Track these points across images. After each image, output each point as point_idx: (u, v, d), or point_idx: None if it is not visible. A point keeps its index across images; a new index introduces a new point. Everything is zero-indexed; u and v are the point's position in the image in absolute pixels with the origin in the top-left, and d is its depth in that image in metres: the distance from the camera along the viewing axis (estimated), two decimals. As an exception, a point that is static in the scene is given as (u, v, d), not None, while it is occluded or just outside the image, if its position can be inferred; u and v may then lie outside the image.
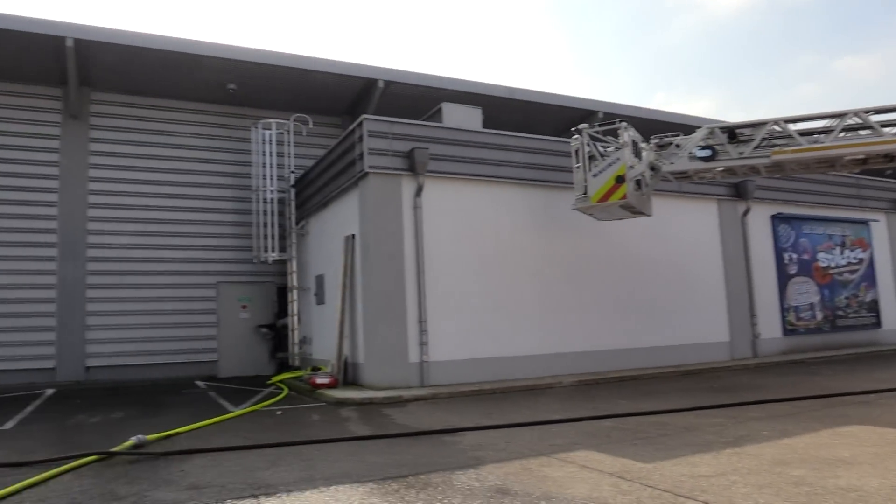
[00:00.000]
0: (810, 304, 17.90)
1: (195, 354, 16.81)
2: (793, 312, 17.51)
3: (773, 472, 5.50)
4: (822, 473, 5.39)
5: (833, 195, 18.78)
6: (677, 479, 5.37)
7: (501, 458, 6.38)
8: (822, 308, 18.12)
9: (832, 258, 18.58)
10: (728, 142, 11.86)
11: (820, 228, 18.49)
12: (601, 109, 19.91)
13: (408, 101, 17.93)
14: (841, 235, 18.90)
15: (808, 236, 18.19)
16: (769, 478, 5.31)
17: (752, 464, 5.80)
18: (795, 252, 17.88)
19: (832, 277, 18.51)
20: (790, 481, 5.18)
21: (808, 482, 5.14)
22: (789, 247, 17.79)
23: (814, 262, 18.19)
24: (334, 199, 14.35)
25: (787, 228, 17.83)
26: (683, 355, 15.07)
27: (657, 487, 5.13)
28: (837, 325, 18.38)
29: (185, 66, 15.99)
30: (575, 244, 14.15)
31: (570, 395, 11.06)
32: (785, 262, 17.62)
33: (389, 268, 12.13)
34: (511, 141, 13.85)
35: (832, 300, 18.39)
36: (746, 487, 5.05)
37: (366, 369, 12.20)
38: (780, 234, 17.67)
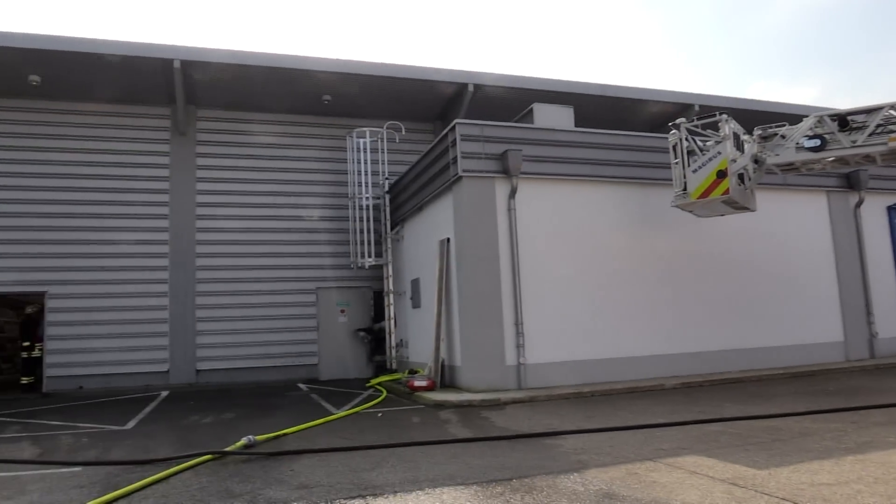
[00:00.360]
0: (936, 300, 16.56)
1: (297, 358, 17.45)
2: (915, 309, 16.25)
3: (904, 481, 5.14)
4: (962, 484, 4.99)
5: (959, 182, 17.33)
6: (796, 487, 5.10)
7: (606, 462, 6.26)
8: (949, 305, 16.72)
9: (959, 250, 17.11)
10: (839, 130, 11.19)
11: (945, 218, 17.09)
12: (697, 102, 19.26)
13: (498, 104, 17.96)
14: (969, 225, 17.39)
15: (930, 228, 16.85)
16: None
17: (878, 472, 5.44)
18: (915, 244, 16.60)
19: (960, 271, 17.05)
20: (924, 492, 4.83)
21: (946, 493, 4.77)
22: (909, 239, 16.55)
23: (938, 256, 16.82)
24: (428, 204, 14.53)
25: (905, 220, 16.61)
26: (792, 356, 14.31)
27: (775, 495, 4.90)
28: (968, 322, 16.90)
29: (282, 81, 16.65)
30: (673, 242, 13.73)
31: (673, 398, 10.71)
32: (904, 256, 16.40)
33: (485, 270, 12.16)
34: (604, 139, 13.59)
35: (961, 296, 16.93)
36: (874, 497, 4.74)
37: (463, 372, 12.28)
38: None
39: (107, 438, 8.88)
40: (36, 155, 16.56)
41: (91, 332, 16.23)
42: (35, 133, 16.64)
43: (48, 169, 16.59)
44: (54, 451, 8.00)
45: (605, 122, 18.79)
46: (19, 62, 15.05)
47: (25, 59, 14.92)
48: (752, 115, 18.46)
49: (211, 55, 15.65)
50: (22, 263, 16.11)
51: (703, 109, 17.65)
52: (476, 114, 16.37)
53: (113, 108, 17.15)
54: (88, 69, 15.52)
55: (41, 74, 15.62)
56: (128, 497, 5.62)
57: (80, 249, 16.49)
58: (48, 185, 16.52)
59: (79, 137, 16.89)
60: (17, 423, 10.62)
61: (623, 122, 19.61)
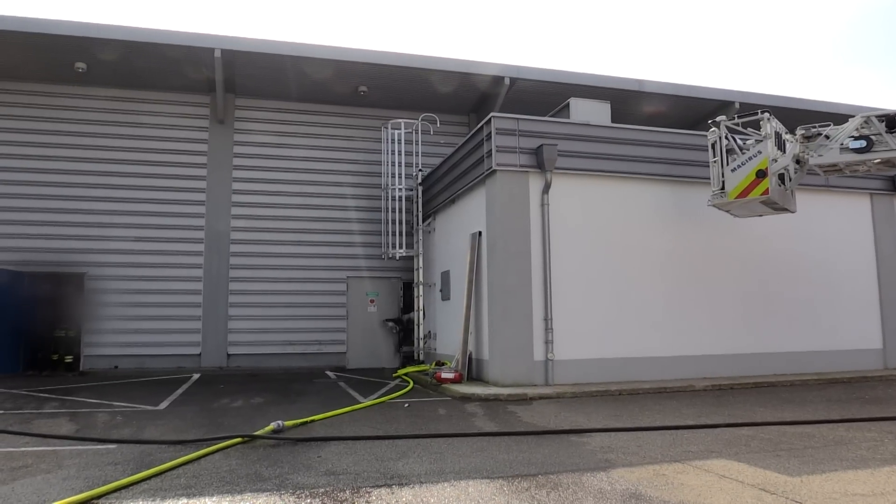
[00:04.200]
0: (982, 309, 16.04)
1: (326, 346, 17.63)
2: (959, 319, 15.76)
3: (942, 494, 5.01)
4: None
5: None
6: (829, 496, 5.00)
7: (633, 461, 6.21)
8: None
9: None
10: (886, 131, 10.88)
11: None
12: (738, 100, 18.90)
13: (534, 97, 17.86)
14: None
15: (978, 235, 16.30)
16: (937, 501, 4.84)
17: (915, 484, 5.31)
18: (964, 251, 16.08)
19: None
20: (963, 506, 4.70)
21: None
22: (955, 246, 16.04)
23: None
24: (461, 197, 14.52)
25: (954, 225, 16.08)
26: (827, 362, 14.03)
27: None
28: None
29: (320, 71, 16.76)
30: (708, 242, 13.52)
31: (703, 400, 10.57)
32: (950, 263, 15.90)
33: (516, 265, 12.12)
34: (640, 135, 13.42)
35: None
36: (910, 510, 4.64)
37: (490, 366, 12.27)
38: (945, 232, 15.96)
39: (140, 418, 9.08)
40: (79, 140, 16.98)
41: (127, 313, 16.61)
42: (79, 119, 17.06)
43: (90, 154, 17.00)
44: (90, 429, 8.21)
45: (642, 117, 18.57)
46: (67, 49, 15.41)
47: (72, 46, 15.27)
48: (796, 113, 18.11)
49: (250, 45, 15.81)
50: (63, 245, 16.54)
51: (743, 108, 17.37)
52: (511, 107, 16.31)
53: (155, 95, 17.48)
54: (132, 57, 15.83)
55: (87, 61, 15.97)
56: (160, 476, 5.75)
57: (118, 233, 16.88)
58: (90, 169, 16.93)
59: (121, 123, 17.26)
60: (55, 400, 10.93)
61: (660, 118, 19.35)
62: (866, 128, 11.09)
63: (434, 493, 5.17)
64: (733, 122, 11.90)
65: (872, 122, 11.05)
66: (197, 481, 5.56)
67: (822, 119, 12.57)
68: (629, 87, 18.35)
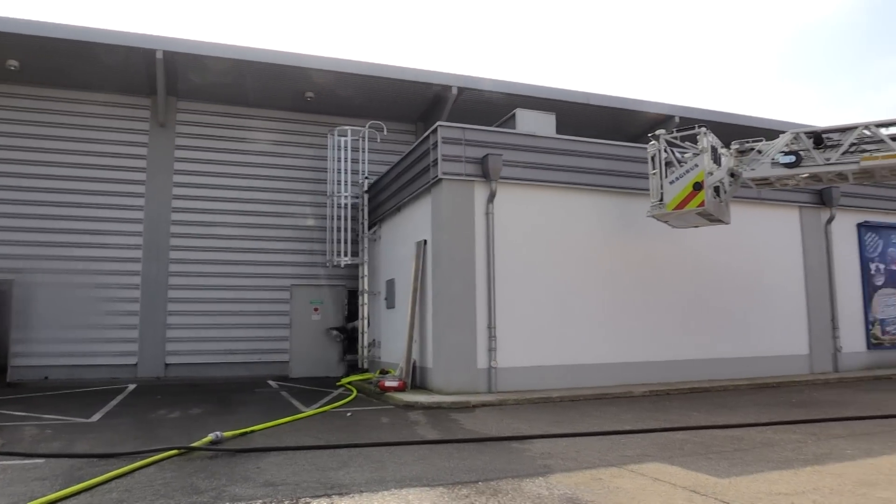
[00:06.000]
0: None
1: (268, 354, 17.36)
2: (878, 326, 16.62)
3: (858, 493, 5.27)
4: (913, 497, 5.12)
5: (926, 203, 17.75)
6: (754, 496, 5.21)
7: (571, 467, 6.33)
8: (912, 322, 17.14)
9: (924, 269, 17.54)
10: (814, 147, 11.40)
11: (911, 238, 17.49)
12: (678, 114, 19.48)
13: (481, 107, 18.05)
14: (935, 246, 17.81)
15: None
16: (853, 499, 5.09)
17: (834, 483, 5.57)
18: (883, 262, 16.98)
19: (924, 290, 17.48)
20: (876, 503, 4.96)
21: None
22: (876, 257, 16.92)
23: (904, 274, 17.23)
24: (407, 205, 14.55)
25: (874, 237, 16.97)
26: (759, 368, 14.55)
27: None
28: (929, 340, 17.33)
29: (265, 76, 16.57)
30: (648, 252, 13.88)
31: (641, 405, 10.84)
32: (871, 273, 16.76)
33: (460, 273, 12.20)
34: (585, 147, 13.71)
35: (924, 314, 17.36)
36: (829, 508, 4.86)
37: (434, 374, 12.31)
38: (866, 244, 16.82)
39: (71, 431, 8.77)
40: (10, 141, 16.32)
41: (59, 321, 16.01)
42: (10, 119, 16.40)
43: (22, 155, 16.36)
44: (17, 443, 7.89)
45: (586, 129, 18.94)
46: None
47: (4, 43, 14.68)
48: (732, 128, 18.78)
49: (194, 47, 15.51)
50: (-9, 250, 15.86)
51: (683, 122, 17.90)
52: (459, 117, 16.44)
53: (92, 96, 16.96)
54: (69, 56, 15.32)
55: (20, 59, 15.39)
56: (90, 490, 5.57)
57: (50, 238, 16.27)
58: (21, 171, 16.29)
59: (55, 124, 16.68)
60: (-21, 412, 10.46)
61: (605, 130, 19.80)
62: (795, 144, 11.59)
63: (374, 502, 5.16)
64: (672, 135, 12.28)
65: (801, 138, 11.56)
66: (129, 495, 5.41)
67: (757, 134, 13.09)
68: (575, 99, 18.73)
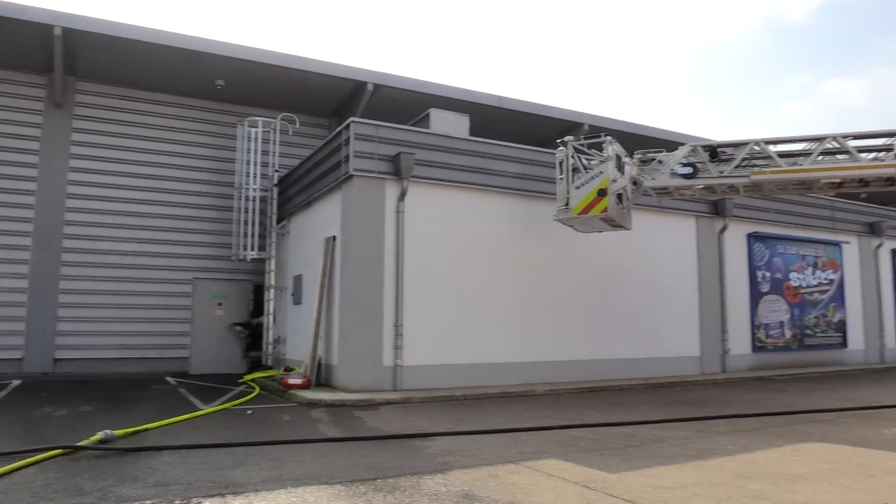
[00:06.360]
0: (780, 322, 18.20)
1: (167, 350, 16.70)
2: (763, 330, 17.79)
3: (734, 485, 5.62)
4: (781, 488, 5.51)
5: (808, 216, 19.12)
6: (640, 489, 5.46)
7: (469, 464, 6.44)
8: (791, 326, 18.44)
9: (804, 278, 18.91)
10: (709, 160, 12.01)
11: (793, 248, 18.82)
12: (587, 122, 20.09)
13: (396, 105, 18.00)
14: (813, 256, 19.25)
15: (781, 256, 18.50)
16: (729, 491, 5.42)
17: (713, 477, 5.92)
18: (768, 271, 18.18)
19: (803, 297, 18.85)
20: (749, 495, 5.30)
21: (767, 496, 5.26)
22: (763, 265, 18.09)
23: (786, 282, 18.50)
24: (317, 200, 14.36)
25: (761, 247, 18.13)
26: (654, 368, 15.25)
27: (620, 497, 5.22)
28: (805, 343, 18.71)
29: (173, 61, 15.91)
30: (554, 255, 14.27)
31: (542, 404, 11.15)
32: (758, 280, 17.91)
33: (369, 271, 12.17)
34: (497, 150, 13.94)
35: (801, 319, 18.72)
36: (707, 500, 5.16)
37: (339, 371, 12.21)
38: (754, 253, 17.95)
39: (-57, 429, 8.17)
40: None
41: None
42: None
43: None
44: None
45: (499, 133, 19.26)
46: None
47: None
48: (637, 138, 19.54)
49: (95, 25, 14.69)
50: None
51: (592, 129, 18.47)
52: (373, 114, 16.34)
53: (-21, 71, 15.79)
54: (-49, 26, 14.22)
55: None
56: (-40, 492, 5.22)
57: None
58: None
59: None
60: None
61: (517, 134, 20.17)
62: (693, 156, 12.20)
63: (269, 501, 5.09)
64: (580, 143, 12.68)
65: (698, 151, 12.18)
66: (5, 498, 5.10)
67: (660, 145, 13.67)
68: (489, 102, 18.98)
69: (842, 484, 5.67)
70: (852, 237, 20.40)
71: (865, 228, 20.72)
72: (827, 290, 19.48)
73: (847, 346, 19.69)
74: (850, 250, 20.24)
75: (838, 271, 19.84)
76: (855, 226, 20.51)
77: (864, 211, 20.73)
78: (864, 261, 20.67)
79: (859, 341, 20.15)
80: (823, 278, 19.42)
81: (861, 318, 20.33)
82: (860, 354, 20.08)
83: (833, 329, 19.48)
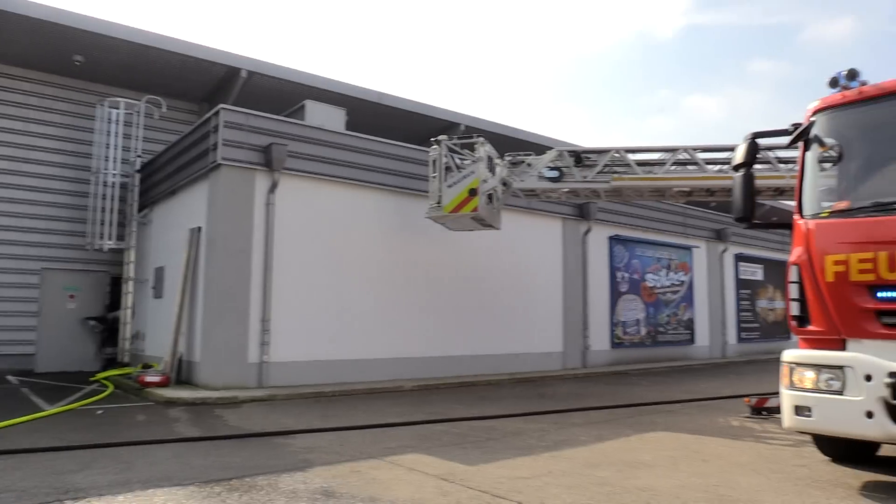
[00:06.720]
0: (636, 320, 19.43)
1: (8, 346, 15.30)
2: (621, 327, 18.92)
3: (583, 473, 5.94)
4: (625, 475, 5.89)
5: (664, 222, 20.52)
6: (497, 480, 5.65)
7: (332, 460, 6.40)
8: (646, 324, 19.73)
9: (658, 279, 20.30)
10: (574, 165, 12.57)
11: (650, 251, 20.15)
12: (465, 123, 20.40)
13: (272, 95, 17.44)
14: (667, 259, 20.71)
15: (639, 258, 19.75)
16: (578, 479, 5.73)
17: (566, 466, 6.23)
18: (627, 272, 19.35)
19: (657, 297, 20.22)
20: (596, 482, 5.63)
21: (611, 483, 5.60)
22: (622, 266, 19.22)
23: (642, 282, 19.77)
24: (182, 189, 13.72)
25: (621, 249, 19.26)
26: (521, 363, 15.81)
27: (477, 489, 5.38)
28: (658, 340, 20.09)
29: (24, 30, 14.54)
30: (426, 252, 14.43)
31: (409, 399, 11.26)
32: (617, 281, 19.01)
33: (235, 264, 11.78)
34: (373, 145, 13.90)
35: (655, 317, 20.08)
36: (557, 488, 5.43)
37: (201, 368, 11.72)
38: (615, 255, 19.04)
39: None
40: None
41: None
42: None
43: None
44: None
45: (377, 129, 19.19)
46: None
47: None
48: (511, 141, 20.05)
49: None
50: None
51: (468, 129, 18.78)
52: (247, 102, 15.70)
53: None
54: None
55: None
56: None
57: None
58: None
59: None
60: None
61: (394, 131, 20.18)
62: (559, 160, 12.73)
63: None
64: (453, 142, 12.89)
65: (564, 156, 12.73)
66: None
67: (532, 148, 14.15)
68: (368, 97, 18.84)
69: (678, 469, 6.14)
70: (701, 242, 22.12)
71: (713, 235, 22.54)
72: (678, 290, 21.00)
73: (694, 343, 21.35)
74: (699, 254, 21.95)
75: (689, 273, 21.45)
76: (704, 232, 22.26)
77: (711, 218, 22.52)
78: (710, 264, 22.48)
79: (705, 338, 21.90)
80: (676, 280, 20.93)
81: (707, 317, 22.11)
82: (706, 350, 21.82)
83: (683, 326, 21.04)
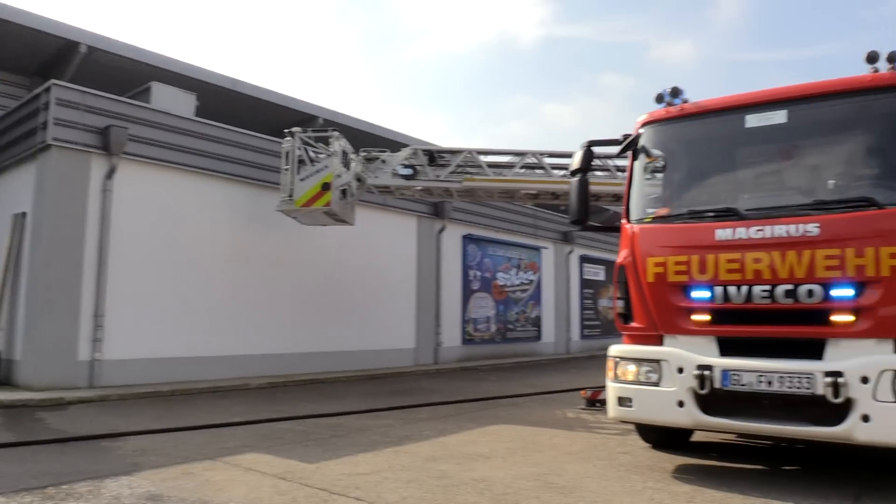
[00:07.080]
0: (487, 317, 20.13)
1: None
2: (472, 324, 19.52)
3: (423, 467, 6.08)
4: (463, 467, 6.09)
5: (515, 223, 21.38)
6: (336, 478, 5.65)
7: (163, 462, 6.11)
8: (496, 321, 20.49)
9: (509, 278, 21.15)
10: (428, 164, 12.77)
11: (501, 251, 20.94)
12: (323, 116, 20.05)
13: (116, 74, 16.14)
14: (518, 259, 21.62)
15: (491, 257, 20.46)
16: (417, 473, 5.86)
17: (407, 461, 6.34)
18: (479, 270, 19.98)
19: (507, 295, 21.06)
20: (434, 475, 5.77)
21: (449, 475, 5.78)
22: (475, 265, 19.83)
23: (493, 280, 20.51)
24: (6, 170, 12.57)
25: (474, 248, 19.85)
26: (373, 360, 15.86)
27: (314, 487, 5.36)
28: (507, 336, 20.94)
29: None
30: (276, 246, 14.07)
31: (255, 398, 10.97)
32: (470, 279, 19.59)
33: (65, 254, 10.90)
34: (224, 134, 13.39)
35: (505, 315, 20.91)
36: (396, 483, 5.52)
37: (23, 367, 10.76)
38: (468, 253, 19.60)
39: None
40: None
41: None
42: None
43: None
44: None
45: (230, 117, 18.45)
46: None
47: None
48: (369, 136, 19.96)
49: None
50: None
51: (327, 123, 18.45)
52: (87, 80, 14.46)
53: None
54: None
55: None
56: None
57: None
58: None
59: None
60: None
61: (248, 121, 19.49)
62: (414, 158, 12.88)
63: None
64: (307, 135, 12.69)
65: (419, 154, 12.91)
66: None
67: (390, 145, 14.20)
68: (221, 83, 17.98)
69: (514, 460, 6.44)
70: (549, 243, 23.30)
71: (560, 236, 23.80)
72: (528, 289, 21.99)
73: (541, 339, 22.45)
74: (547, 255, 23.10)
75: (537, 273, 22.52)
76: (552, 233, 23.45)
77: (559, 221, 23.70)
78: (557, 264, 23.73)
79: (551, 335, 23.10)
80: (525, 279, 21.89)
81: (553, 315, 23.32)
82: (551, 346, 23.02)
83: (531, 324, 22.06)
